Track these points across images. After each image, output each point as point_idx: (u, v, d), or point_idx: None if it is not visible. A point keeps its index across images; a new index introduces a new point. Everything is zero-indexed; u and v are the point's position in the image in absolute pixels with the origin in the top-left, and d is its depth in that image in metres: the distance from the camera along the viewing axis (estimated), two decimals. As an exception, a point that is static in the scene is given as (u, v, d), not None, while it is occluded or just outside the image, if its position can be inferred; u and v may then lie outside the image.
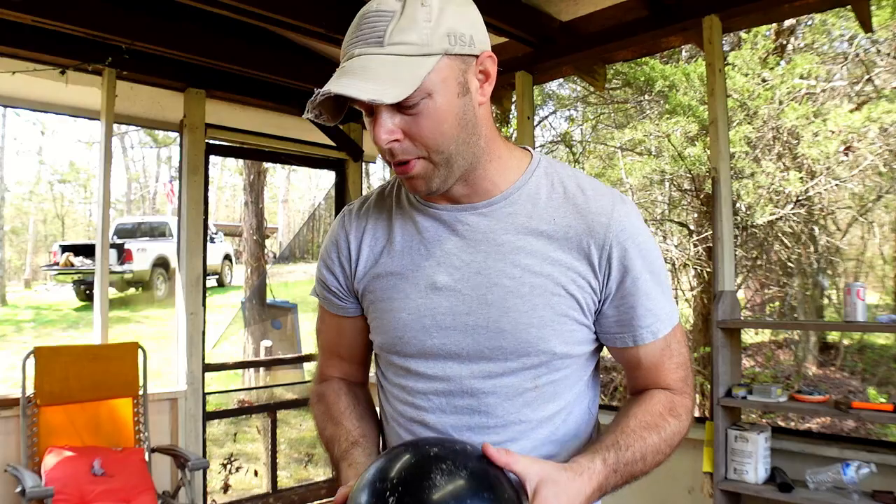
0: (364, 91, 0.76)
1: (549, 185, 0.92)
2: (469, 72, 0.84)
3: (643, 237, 0.90)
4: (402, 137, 0.82)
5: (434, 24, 0.79)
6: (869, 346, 7.35)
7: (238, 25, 3.13)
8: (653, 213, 7.84)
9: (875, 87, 6.22)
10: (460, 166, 0.86)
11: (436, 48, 0.80)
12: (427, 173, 0.85)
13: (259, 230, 8.01)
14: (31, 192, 20.54)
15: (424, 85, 0.79)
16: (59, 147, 27.62)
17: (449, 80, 0.81)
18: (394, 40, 0.79)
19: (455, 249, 0.92)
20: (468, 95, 0.84)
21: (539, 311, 0.88)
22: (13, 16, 2.63)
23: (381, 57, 0.78)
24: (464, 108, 0.84)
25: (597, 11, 2.92)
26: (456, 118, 0.83)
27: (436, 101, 0.81)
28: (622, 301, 0.90)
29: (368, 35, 0.80)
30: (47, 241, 19.29)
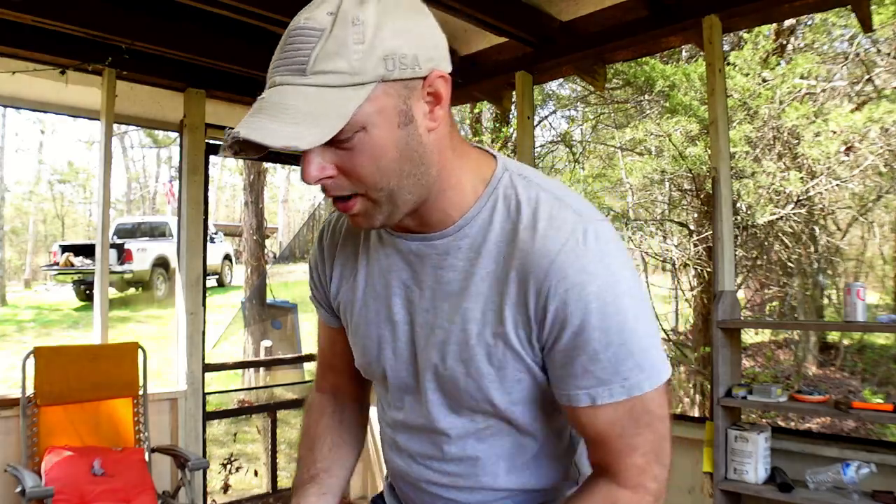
0: (277, 135, 0.67)
1: (505, 213, 0.79)
2: (413, 97, 0.72)
3: (596, 286, 0.73)
4: (336, 173, 0.73)
5: (367, 47, 0.68)
6: (869, 346, 7.36)
7: (238, 25, 3.13)
8: (653, 212, 7.85)
9: (875, 87, 6.22)
10: (406, 201, 0.76)
11: (369, 76, 0.69)
12: (368, 211, 0.76)
13: (259, 230, 8.02)
14: (30, 192, 20.55)
15: (356, 119, 0.69)
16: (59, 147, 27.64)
17: (387, 110, 0.71)
18: (318, 68, 0.68)
19: (409, 282, 0.86)
20: (412, 124, 0.73)
21: (477, 363, 0.80)
22: (13, 16, 2.63)
23: (302, 89, 0.68)
24: (406, 138, 0.73)
25: (597, 11, 2.92)
26: (397, 151, 0.73)
27: (371, 134, 0.71)
28: (560, 356, 0.76)
29: (291, 60, 0.69)
30: (47, 241, 19.29)
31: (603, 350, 0.74)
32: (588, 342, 0.74)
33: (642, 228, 7.53)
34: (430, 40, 0.73)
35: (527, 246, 0.76)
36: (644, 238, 7.53)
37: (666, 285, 8.27)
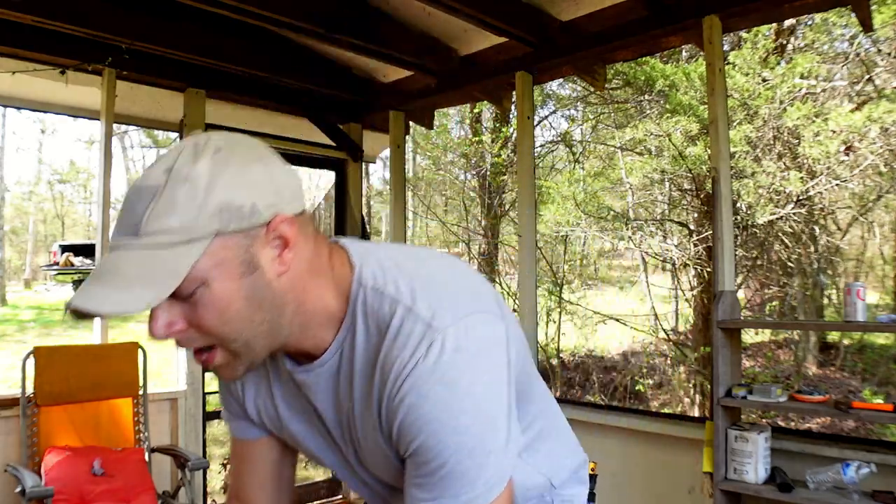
0: (108, 302, 0.66)
1: (365, 333, 0.79)
2: (256, 245, 0.71)
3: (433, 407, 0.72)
4: (185, 326, 0.72)
5: (200, 203, 0.68)
6: (869, 346, 7.36)
7: (238, 25, 3.13)
8: (653, 212, 7.85)
9: (875, 87, 6.22)
10: (265, 346, 0.76)
11: (203, 231, 0.68)
12: (228, 362, 0.76)
13: (259, 230, 8.04)
14: (30, 192, 20.55)
15: (194, 274, 0.68)
16: (59, 146, 27.64)
17: (226, 263, 0.70)
18: (150, 228, 0.67)
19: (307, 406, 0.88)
20: (258, 272, 0.72)
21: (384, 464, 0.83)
22: (13, 16, 2.63)
23: (134, 252, 0.68)
24: (252, 287, 0.72)
25: (597, 11, 2.91)
26: (244, 301, 0.72)
27: (212, 288, 0.70)
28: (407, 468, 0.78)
29: (126, 222, 0.69)
30: (47, 241, 19.30)
31: (438, 469, 0.74)
32: (425, 462, 0.74)
33: (642, 228, 7.54)
34: (269, 187, 0.72)
35: (383, 367, 0.76)
36: (644, 238, 7.53)
37: (666, 285, 8.28)
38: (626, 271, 10.36)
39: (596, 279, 9.79)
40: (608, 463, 2.99)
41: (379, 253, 0.83)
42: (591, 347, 8.70)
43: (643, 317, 8.03)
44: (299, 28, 2.91)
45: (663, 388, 7.75)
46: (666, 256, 7.31)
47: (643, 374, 7.75)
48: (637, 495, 2.90)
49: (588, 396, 7.93)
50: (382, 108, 4.00)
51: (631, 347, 8.80)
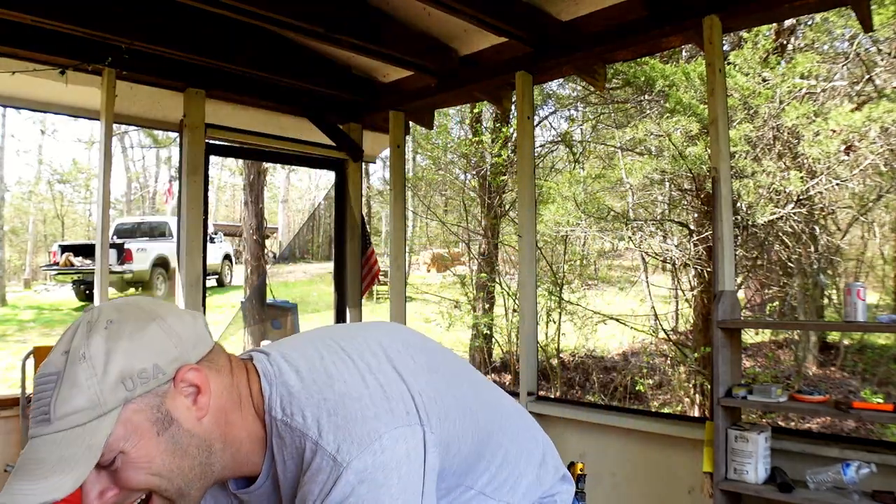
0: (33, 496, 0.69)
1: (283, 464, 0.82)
2: (167, 401, 0.76)
3: None
4: (118, 491, 0.75)
5: (101, 377, 0.71)
6: (869, 346, 7.36)
7: (238, 25, 3.13)
8: (653, 212, 7.86)
9: (875, 87, 6.22)
10: (200, 487, 0.79)
11: (111, 402, 0.71)
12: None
13: (259, 230, 8.02)
14: (30, 192, 20.55)
15: (111, 445, 0.72)
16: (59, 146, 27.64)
17: (140, 426, 0.74)
18: (59, 414, 0.70)
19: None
20: (174, 424, 0.76)
21: None
22: (13, 16, 2.63)
23: (49, 437, 0.70)
24: (173, 440, 0.76)
25: (597, 11, 2.91)
26: (167, 455, 0.75)
27: (130, 453, 0.73)
28: None
29: (38, 411, 0.72)
30: (47, 241, 19.31)
31: None
32: None
33: (642, 228, 7.54)
34: (167, 343, 0.76)
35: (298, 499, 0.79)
36: (644, 238, 7.53)
37: (666, 285, 8.28)
38: (626, 271, 10.36)
39: (596, 279, 9.79)
40: (608, 463, 2.99)
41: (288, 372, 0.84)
42: (591, 347, 8.70)
43: (643, 317, 8.03)
44: (299, 28, 2.91)
45: (663, 388, 7.75)
46: (666, 256, 7.31)
47: (643, 374, 7.75)
48: (637, 495, 2.90)
49: (588, 396, 7.93)
50: (382, 108, 4.00)
51: (631, 347, 8.80)
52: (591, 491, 3.05)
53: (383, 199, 14.89)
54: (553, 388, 8.07)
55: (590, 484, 3.04)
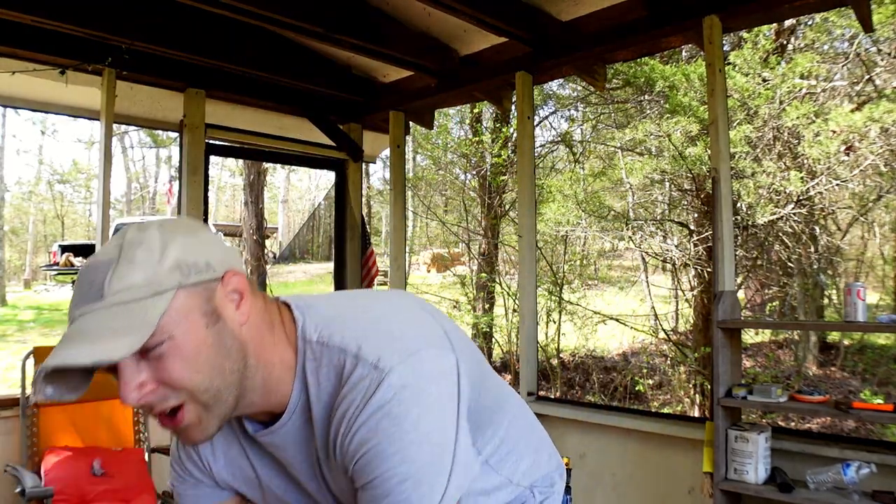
0: (83, 354, 0.67)
1: (317, 386, 0.82)
2: (215, 298, 0.76)
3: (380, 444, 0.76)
4: (156, 386, 0.73)
5: (158, 259, 0.73)
6: (869, 346, 7.36)
7: (238, 25, 3.13)
8: (653, 212, 7.85)
9: (876, 87, 6.22)
10: (235, 397, 0.79)
11: (167, 284, 0.72)
12: (199, 419, 0.76)
13: (259, 230, 8.02)
14: (30, 192, 20.56)
15: (162, 326, 0.71)
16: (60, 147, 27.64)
17: (192, 313, 0.74)
18: (115, 288, 0.70)
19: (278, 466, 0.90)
20: (221, 321, 0.76)
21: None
22: (13, 16, 2.63)
23: (102, 312, 0.70)
24: (219, 336, 0.76)
25: (597, 11, 2.91)
26: (212, 349, 0.75)
27: (179, 339, 0.73)
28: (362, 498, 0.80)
29: (87, 291, 0.72)
30: (47, 241, 19.31)
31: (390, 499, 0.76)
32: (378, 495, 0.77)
33: (642, 228, 7.54)
34: (216, 247, 0.79)
35: (338, 411, 0.79)
36: (644, 238, 7.53)
37: (666, 285, 8.28)
38: (626, 271, 10.36)
39: (596, 279, 9.79)
40: (608, 463, 2.99)
41: (320, 306, 0.87)
42: (591, 347, 8.69)
43: (643, 317, 8.03)
44: (299, 28, 2.91)
45: (663, 388, 7.75)
46: (666, 256, 7.31)
47: (643, 374, 7.74)
48: (637, 495, 2.90)
49: (588, 396, 7.93)
50: (382, 108, 4.00)
51: (631, 347, 8.79)
52: (592, 491, 3.05)
53: (383, 199, 14.89)
54: (553, 388, 8.07)
55: (590, 484, 3.05)
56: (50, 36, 2.85)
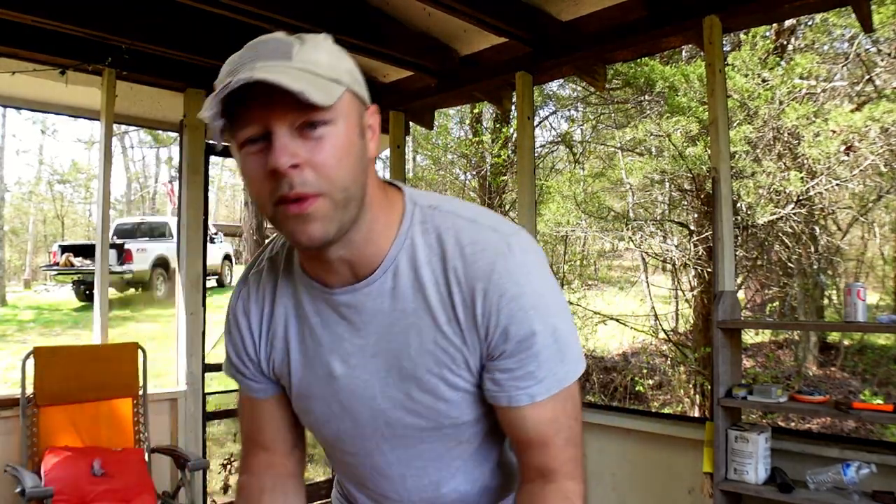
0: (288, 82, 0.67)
1: (427, 243, 0.82)
2: (363, 117, 0.78)
3: (528, 297, 0.79)
4: (303, 165, 0.72)
5: (338, 57, 0.76)
6: (869, 346, 7.35)
7: (238, 25, 3.12)
8: (653, 213, 7.85)
9: (875, 87, 6.22)
10: (356, 211, 0.78)
11: (343, 79, 0.74)
12: (326, 213, 0.74)
13: (259, 230, 8.01)
14: (30, 192, 20.55)
15: (336, 108, 0.72)
16: (60, 147, 27.65)
17: (351, 116, 0.75)
18: (303, 58, 0.71)
19: (345, 334, 0.86)
20: (363, 139, 0.78)
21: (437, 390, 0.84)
22: (13, 16, 2.63)
23: (291, 70, 0.70)
24: (361, 151, 0.77)
25: (597, 11, 2.91)
26: (356, 156, 0.76)
27: (339, 130, 0.73)
28: (504, 363, 0.81)
29: (271, 52, 0.71)
30: (47, 241, 19.29)
31: (541, 352, 0.80)
32: (529, 347, 0.79)
33: (642, 228, 7.53)
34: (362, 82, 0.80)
35: (461, 272, 0.79)
36: (644, 238, 7.53)
37: (666, 285, 8.27)
38: (626, 271, 10.36)
39: (596, 279, 9.79)
40: (608, 463, 2.99)
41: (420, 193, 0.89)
42: (592, 348, 8.69)
43: (643, 317, 8.02)
44: (299, 28, 2.90)
45: (663, 388, 7.74)
46: (666, 257, 7.30)
47: (643, 374, 7.74)
48: (637, 495, 2.90)
49: (588, 396, 7.92)
50: (382, 109, 3.99)
51: (631, 348, 8.79)
52: (591, 491, 3.05)
53: (383, 199, 14.83)
54: (553, 388, 8.05)
55: (590, 484, 3.04)
56: (50, 36, 2.85)
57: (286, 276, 0.90)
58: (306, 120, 0.71)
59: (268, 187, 0.73)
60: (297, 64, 0.71)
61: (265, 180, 0.73)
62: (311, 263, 0.86)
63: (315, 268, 0.85)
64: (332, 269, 0.83)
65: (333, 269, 0.83)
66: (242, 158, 0.74)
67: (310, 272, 0.87)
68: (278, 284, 0.91)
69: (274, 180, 0.72)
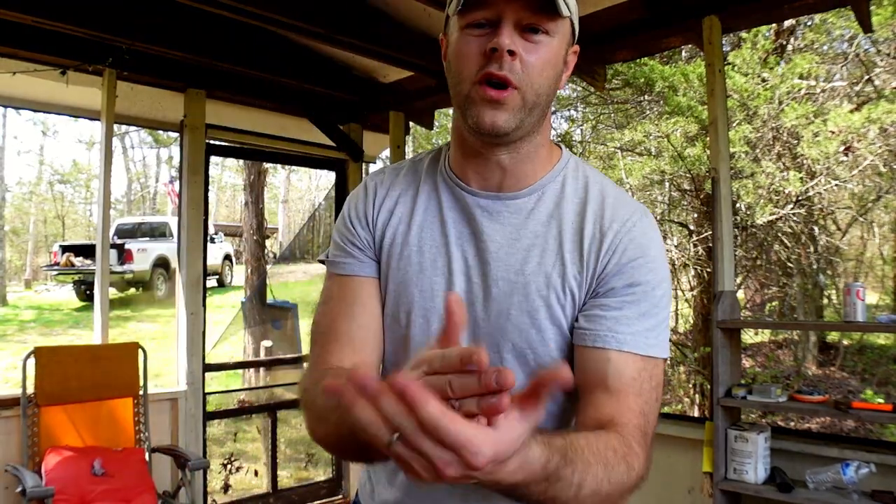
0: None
1: (575, 185, 0.91)
2: (569, 50, 0.87)
3: (652, 254, 0.86)
4: (515, 57, 0.80)
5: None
6: (869, 346, 7.36)
7: (238, 25, 3.13)
8: (652, 212, 7.85)
9: (875, 88, 6.22)
10: (535, 117, 0.84)
11: (573, 10, 0.83)
12: (516, 107, 0.81)
13: (259, 230, 8.01)
14: (31, 192, 20.54)
15: (560, 24, 0.82)
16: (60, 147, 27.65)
17: (564, 40, 0.84)
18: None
19: (471, 236, 0.90)
20: (562, 67, 0.86)
21: (536, 314, 0.86)
22: (13, 16, 2.63)
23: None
24: (559, 70, 0.85)
25: (597, 11, 2.91)
26: (555, 72, 0.84)
27: (553, 44, 0.82)
28: (602, 303, 0.84)
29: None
30: (47, 241, 19.29)
31: (641, 304, 0.84)
32: (634, 293, 0.84)
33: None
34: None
35: (600, 213, 0.88)
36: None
37: (666, 285, 8.27)
38: (625, 271, 10.35)
39: (596, 279, 9.78)
40: (608, 463, 2.99)
41: None
42: (591, 347, 8.70)
43: (643, 317, 8.01)
44: (299, 28, 2.91)
45: (663, 387, 7.75)
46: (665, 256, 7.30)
47: (643, 374, 7.73)
48: (637, 495, 2.88)
49: (588, 396, 7.92)
50: (382, 108, 4.00)
51: (631, 347, 8.78)
52: (591, 491, 3.05)
53: (383, 199, 14.78)
54: (553, 388, 8.06)
55: (589, 484, 3.04)
56: (50, 36, 2.85)
57: (430, 173, 0.96)
58: (534, 23, 0.79)
59: (477, 64, 0.80)
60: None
61: (478, 57, 0.80)
62: (468, 162, 0.90)
63: (468, 168, 0.90)
64: (484, 172, 0.89)
65: (486, 173, 0.89)
66: (460, 38, 0.82)
67: (458, 172, 0.92)
68: (422, 177, 0.96)
69: (485, 59, 0.80)
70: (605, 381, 0.82)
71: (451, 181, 0.92)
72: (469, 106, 0.83)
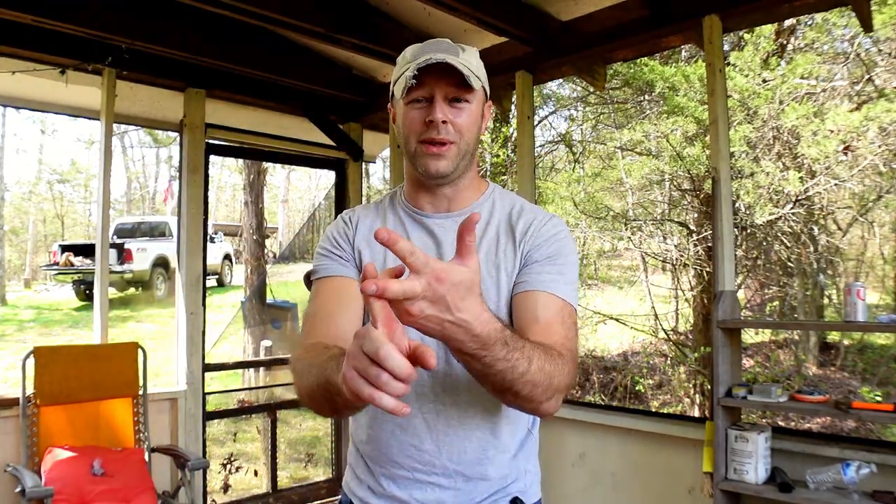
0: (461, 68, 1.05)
1: (502, 202, 1.22)
2: (484, 107, 1.18)
3: (561, 238, 1.16)
4: (447, 123, 1.09)
5: (480, 65, 1.15)
6: (869, 346, 7.35)
7: (238, 25, 3.13)
8: (653, 212, 7.85)
9: (875, 87, 6.22)
10: (467, 161, 1.15)
11: (483, 79, 1.14)
12: (453, 156, 1.12)
13: (259, 230, 8.01)
14: (30, 192, 20.54)
15: (475, 94, 1.12)
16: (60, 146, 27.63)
17: (479, 103, 1.15)
18: (465, 57, 1.10)
19: (433, 246, 1.17)
20: (481, 121, 1.16)
21: (488, 293, 1.11)
22: (13, 16, 2.63)
23: (460, 62, 1.06)
24: (479, 125, 1.16)
25: (597, 11, 2.91)
26: (476, 127, 1.15)
27: (473, 108, 1.13)
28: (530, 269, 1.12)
29: (447, 48, 1.09)
30: (47, 240, 19.28)
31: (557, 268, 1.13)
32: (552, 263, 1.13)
33: (642, 228, 7.53)
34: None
35: (522, 217, 1.19)
36: (644, 238, 7.53)
37: (666, 285, 8.27)
38: (625, 271, 10.35)
39: (596, 279, 9.78)
40: (608, 463, 2.99)
41: None
42: (591, 347, 8.69)
43: (643, 317, 8.02)
44: (300, 28, 2.91)
45: (663, 388, 7.74)
46: (666, 257, 7.30)
47: (643, 374, 7.74)
48: (637, 495, 2.90)
49: (588, 396, 7.92)
50: (382, 108, 3.98)
51: (631, 347, 8.79)
52: (591, 491, 3.05)
53: (383, 199, 14.80)
54: (553, 388, 8.04)
55: (590, 484, 3.05)
56: (50, 36, 2.85)
57: (391, 207, 1.24)
58: (457, 95, 1.09)
59: (420, 130, 1.10)
60: (462, 60, 1.08)
61: (420, 124, 1.10)
62: (420, 195, 1.20)
63: (421, 199, 1.20)
64: (434, 201, 1.20)
65: (436, 201, 1.20)
66: (406, 110, 1.12)
67: (413, 203, 1.21)
68: (386, 210, 1.24)
69: (427, 127, 1.10)
70: (535, 313, 1.08)
71: (410, 210, 1.22)
72: (418, 158, 1.13)
